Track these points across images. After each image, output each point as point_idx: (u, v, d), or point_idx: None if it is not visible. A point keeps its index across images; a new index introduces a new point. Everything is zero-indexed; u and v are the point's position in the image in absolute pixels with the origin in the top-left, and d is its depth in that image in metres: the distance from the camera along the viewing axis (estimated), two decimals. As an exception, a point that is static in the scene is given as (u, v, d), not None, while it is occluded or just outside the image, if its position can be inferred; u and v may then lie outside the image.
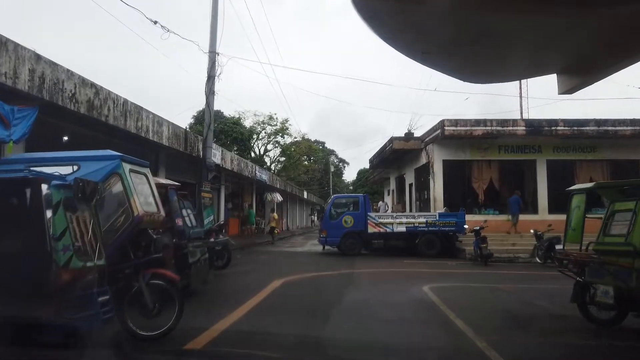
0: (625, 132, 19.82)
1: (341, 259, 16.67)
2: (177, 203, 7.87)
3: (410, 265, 14.82)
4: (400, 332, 6.35)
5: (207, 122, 15.76)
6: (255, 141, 55.93)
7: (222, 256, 11.27)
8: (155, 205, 5.77)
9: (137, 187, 5.43)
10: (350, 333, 6.12)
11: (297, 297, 8.47)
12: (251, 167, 23.41)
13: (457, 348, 5.67)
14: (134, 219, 5.16)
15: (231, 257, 11.49)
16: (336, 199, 18.83)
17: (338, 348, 5.40)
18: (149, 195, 5.71)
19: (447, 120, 20.03)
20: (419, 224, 17.93)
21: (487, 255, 15.10)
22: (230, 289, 9.41)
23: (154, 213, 5.60)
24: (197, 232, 8.75)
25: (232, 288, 9.47)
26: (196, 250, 8.27)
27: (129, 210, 5.15)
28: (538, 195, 21.24)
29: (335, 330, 6.19)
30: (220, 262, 11.29)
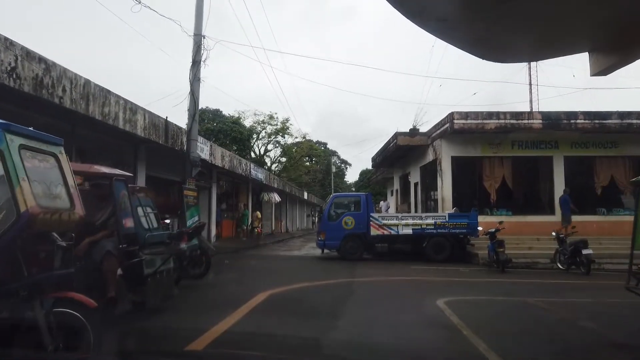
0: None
1: (341, 264, 14.87)
2: (126, 199, 6.10)
3: (418, 272, 13.03)
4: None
5: (190, 112, 14.00)
6: (255, 141, 54.34)
7: (199, 263, 9.51)
8: (68, 199, 4.00)
9: (35, 171, 3.68)
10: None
11: (280, 320, 6.65)
12: (245, 164, 21.64)
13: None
14: (19, 217, 3.40)
15: (210, 264, 9.71)
16: (336, 198, 17.04)
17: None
18: (58, 184, 3.94)
19: (456, 113, 18.24)
20: (426, 225, 16.13)
21: (504, 260, 13.28)
22: (197, 307, 7.56)
23: (60, 209, 3.84)
24: (157, 236, 6.96)
25: (200, 305, 7.63)
26: (155, 259, 6.50)
27: (12, 205, 3.40)
28: (555, 194, 19.38)
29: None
30: (198, 271, 9.52)
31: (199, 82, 14.19)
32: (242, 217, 25.03)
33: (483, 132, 18.94)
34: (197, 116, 14.17)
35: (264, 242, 24.13)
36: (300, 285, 9.71)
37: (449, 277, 12.16)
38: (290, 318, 6.73)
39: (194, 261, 9.37)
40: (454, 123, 18.14)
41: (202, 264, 9.49)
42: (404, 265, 14.74)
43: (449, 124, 18.38)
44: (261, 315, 6.79)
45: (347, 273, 12.32)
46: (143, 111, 12.09)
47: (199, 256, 9.37)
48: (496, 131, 18.59)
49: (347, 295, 8.71)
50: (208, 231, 20.11)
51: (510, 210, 19.30)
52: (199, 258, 9.38)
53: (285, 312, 7.17)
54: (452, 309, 7.35)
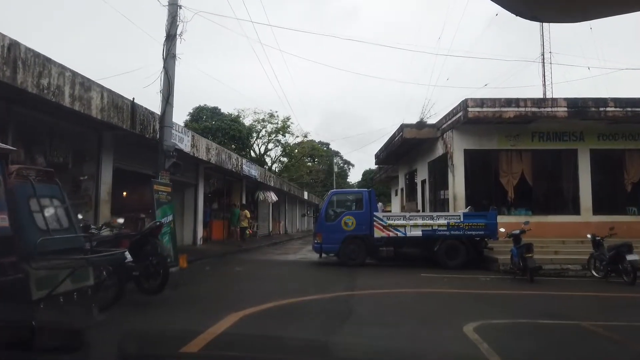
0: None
1: (339, 271, 12.68)
2: (0, 184, 3.96)
3: (430, 282, 10.84)
4: None
5: (164, 93, 11.85)
6: (255, 140, 52.28)
7: (155, 274, 7.34)
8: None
9: None
10: None
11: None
12: (236, 159, 19.45)
13: None
14: None
15: (168, 276, 7.52)
16: (334, 196, 14.82)
17: None
18: None
19: (470, 100, 16.03)
20: (438, 226, 13.92)
21: (533, 268, 11.05)
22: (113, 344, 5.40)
23: None
24: (61, 240, 4.79)
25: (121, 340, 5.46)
26: (54, 275, 4.36)
27: None
28: (580, 192, 17.17)
29: None
30: (153, 284, 7.34)
31: (174, 60, 12.05)
32: (231, 217, 22.89)
33: (500, 122, 16.73)
34: (172, 99, 12.02)
35: (259, 244, 21.97)
36: (285, 301, 7.52)
37: (469, 288, 9.94)
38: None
39: (149, 273, 7.21)
40: (467, 111, 15.93)
41: (157, 276, 7.31)
42: (412, 273, 12.54)
43: (462, 112, 16.18)
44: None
45: (346, 283, 10.14)
46: (100, 89, 9.94)
47: (154, 266, 7.21)
48: (515, 120, 16.38)
49: (344, 318, 6.50)
50: (194, 233, 17.97)
51: (530, 209, 17.08)
52: (154, 268, 7.21)
53: (253, 349, 4.97)
54: (487, 340, 5.16)
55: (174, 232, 11.80)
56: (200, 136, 15.58)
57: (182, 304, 7.45)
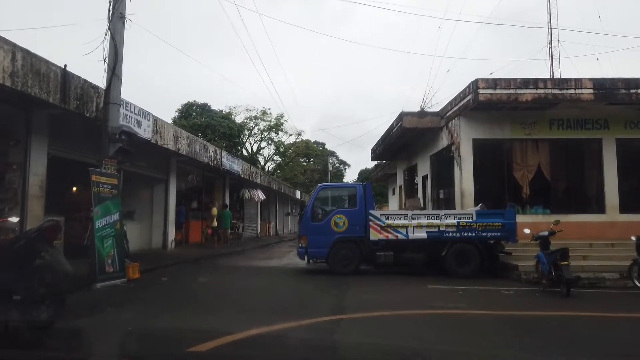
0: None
1: (328, 281, 10.26)
2: None
3: (441, 297, 8.44)
4: None
5: (109, 63, 9.41)
6: (247, 138, 49.86)
7: (47, 299, 4.85)
8: None
9: None
10: None
11: None
12: (213, 152, 16.96)
13: None
14: None
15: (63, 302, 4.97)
16: (322, 190, 12.37)
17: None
18: None
19: (482, 81, 13.65)
20: (446, 227, 11.52)
21: (571, 280, 8.64)
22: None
23: None
24: None
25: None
26: None
27: None
28: (605, 187, 14.82)
29: None
30: (40, 315, 4.82)
31: (123, 21, 9.61)
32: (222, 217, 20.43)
33: (514, 108, 14.39)
34: (121, 69, 9.58)
35: (243, 247, 19.53)
36: (242, 334, 5.05)
37: (493, 307, 7.52)
38: None
39: (34, 297, 4.76)
40: (478, 94, 13.55)
41: (50, 302, 4.82)
42: (417, 283, 10.16)
43: (472, 95, 13.80)
44: None
45: (333, 300, 7.72)
46: (10, 47, 7.48)
47: (37, 290, 4.74)
48: (532, 105, 14.02)
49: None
50: (164, 235, 15.50)
51: (548, 207, 14.71)
52: (36, 293, 4.74)
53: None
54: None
55: (120, 236, 9.35)
56: (169, 123, 13.12)
57: (66, 342, 4.81)
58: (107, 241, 8.89)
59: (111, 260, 8.93)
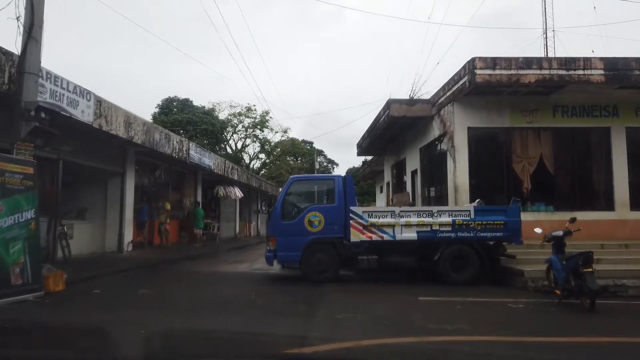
0: None
1: (295, 293, 8.41)
2: None
3: (437, 313, 6.66)
4: None
5: (25, 24, 7.48)
6: (231, 135, 47.88)
7: None
8: None
9: None
10: None
11: None
12: (179, 142, 14.96)
13: None
14: None
15: None
16: (295, 183, 10.46)
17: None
18: None
19: (479, 60, 11.90)
20: (440, 226, 9.73)
21: (595, 290, 6.87)
22: None
23: None
24: None
25: None
26: None
27: None
28: (614, 181, 13.18)
29: None
30: None
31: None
32: (193, 217, 18.51)
33: (514, 93, 12.71)
34: (41, 34, 7.65)
35: (215, 249, 17.59)
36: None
37: (504, 328, 5.72)
38: None
39: None
40: (475, 74, 11.80)
41: None
42: (406, 294, 8.37)
43: (468, 76, 12.05)
44: None
45: (295, 323, 5.87)
46: None
47: None
48: (535, 88, 12.33)
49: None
50: (119, 237, 13.52)
51: (551, 204, 13.05)
52: None
53: None
54: None
55: (35, 237, 7.41)
56: (118, 106, 11.16)
57: None
58: (14, 245, 6.96)
59: (20, 269, 7.00)
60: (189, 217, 18.82)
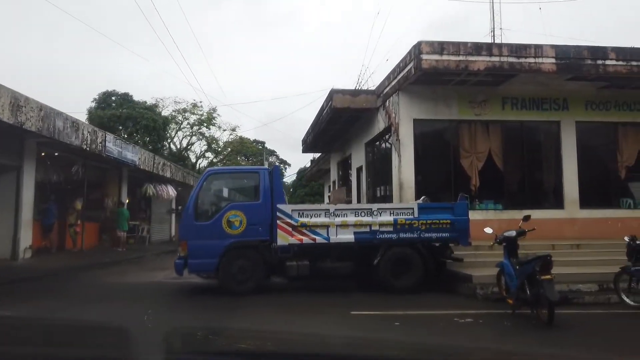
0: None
1: (206, 308, 6.90)
2: None
3: (368, 332, 5.35)
4: None
5: None
6: (175, 132, 45.33)
7: None
8: None
9: None
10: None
11: None
12: (91, 132, 12.95)
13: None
14: None
15: None
16: (211, 177, 8.72)
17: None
18: None
19: (426, 44, 10.78)
20: (380, 226, 8.48)
21: (554, 300, 5.78)
22: None
23: None
24: None
25: None
26: None
27: None
28: (564, 179, 12.47)
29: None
30: None
31: None
32: (117, 218, 16.46)
33: (463, 82, 11.75)
34: None
35: (141, 254, 15.65)
36: None
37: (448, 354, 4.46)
38: None
39: None
40: (421, 60, 10.68)
41: None
42: (337, 306, 7.04)
43: (414, 62, 10.92)
44: None
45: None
46: None
47: None
48: (485, 77, 11.41)
49: None
50: (14, 241, 11.43)
51: (500, 202, 12.18)
52: None
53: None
54: None
55: None
56: (2, 84, 9.18)
57: None
58: None
59: None
60: (112, 218, 16.76)
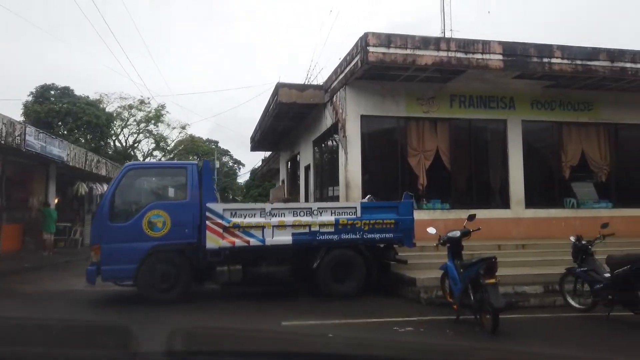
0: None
1: (116, 323, 6.03)
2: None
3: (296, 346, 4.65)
4: None
5: None
6: (121, 129, 43.10)
7: None
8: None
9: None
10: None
11: None
12: (7, 125, 11.54)
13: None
14: None
15: None
16: (130, 172, 7.68)
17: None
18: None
19: (372, 36, 10.27)
20: (321, 227, 7.84)
21: (501, 309, 5.32)
22: None
23: None
24: None
25: None
26: None
27: None
28: (510, 178, 12.33)
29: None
30: None
31: None
32: (43, 219, 14.99)
33: (411, 78, 11.38)
34: None
35: (70, 258, 14.31)
36: None
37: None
38: None
39: None
40: (368, 52, 10.17)
41: None
42: (268, 316, 6.34)
43: (361, 54, 10.39)
44: None
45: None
46: None
47: None
48: (433, 73, 11.06)
49: None
50: None
51: (447, 201, 11.89)
52: None
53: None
54: None
55: None
56: None
57: None
58: None
59: None
60: (37, 219, 15.28)
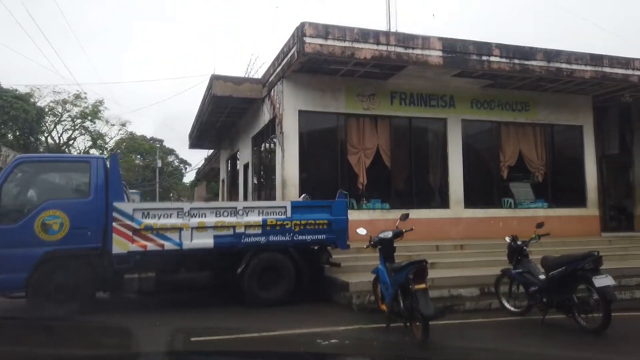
0: (584, 73, 11.62)
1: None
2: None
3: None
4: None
5: None
6: (54, 125, 40.28)
7: None
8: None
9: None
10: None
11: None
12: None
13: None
14: None
15: None
16: (23, 165, 6.56)
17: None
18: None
19: (309, 26, 9.65)
20: (246, 228, 7.12)
21: (429, 314, 4.85)
22: None
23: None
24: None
25: None
26: None
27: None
28: (449, 177, 12.12)
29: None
30: None
31: None
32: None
33: (351, 73, 10.90)
34: None
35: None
36: None
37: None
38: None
39: None
40: (304, 43, 9.56)
41: None
42: (179, 328, 5.54)
43: (297, 45, 9.75)
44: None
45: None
46: None
47: None
48: (372, 69, 10.63)
49: None
50: None
51: (387, 201, 11.51)
52: None
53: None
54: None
55: None
56: None
57: None
58: None
59: None
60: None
